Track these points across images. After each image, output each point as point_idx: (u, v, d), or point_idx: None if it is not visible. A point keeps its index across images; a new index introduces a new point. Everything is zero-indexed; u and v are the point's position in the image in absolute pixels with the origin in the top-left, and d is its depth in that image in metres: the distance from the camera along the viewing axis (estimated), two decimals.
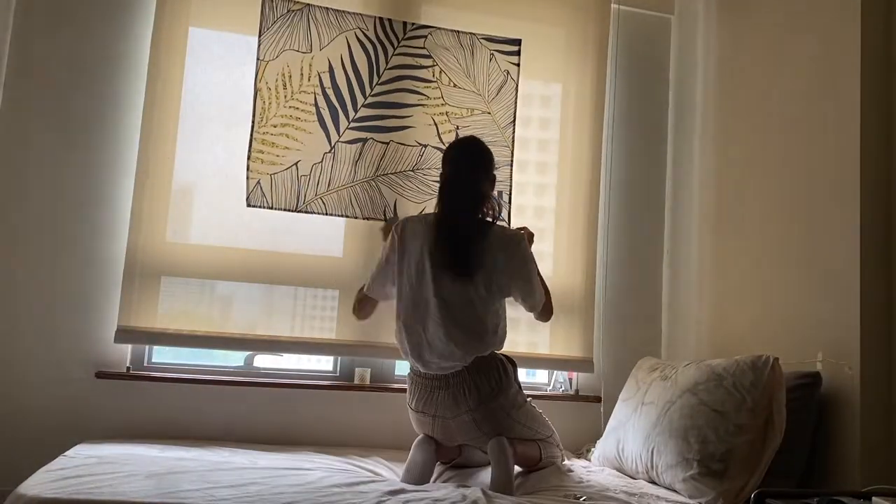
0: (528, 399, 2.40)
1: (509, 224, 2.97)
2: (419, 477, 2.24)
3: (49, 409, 2.60)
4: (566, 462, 2.52)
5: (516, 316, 2.65)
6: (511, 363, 2.37)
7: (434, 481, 2.29)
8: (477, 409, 2.24)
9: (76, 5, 2.76)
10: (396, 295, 2.40)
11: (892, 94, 2.20)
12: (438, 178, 2.49)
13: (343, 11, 2.93)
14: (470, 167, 2.41)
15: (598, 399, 3.05)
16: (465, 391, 2.24)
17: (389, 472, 2.35)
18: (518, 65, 3.09)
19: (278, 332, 2.79)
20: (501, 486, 2.13)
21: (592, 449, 2.73)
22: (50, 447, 2.31)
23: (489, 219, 2.39)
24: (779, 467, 2.11)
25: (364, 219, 2.88)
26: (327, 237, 2.87)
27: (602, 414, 2.98)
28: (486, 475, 2.26)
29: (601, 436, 2.70)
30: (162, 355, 2.83)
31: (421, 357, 2.31)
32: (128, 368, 2.69)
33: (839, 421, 2.17)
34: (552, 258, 3.06)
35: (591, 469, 2.53)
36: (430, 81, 3.00)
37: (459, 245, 2.29)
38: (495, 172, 2.50)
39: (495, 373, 2.28)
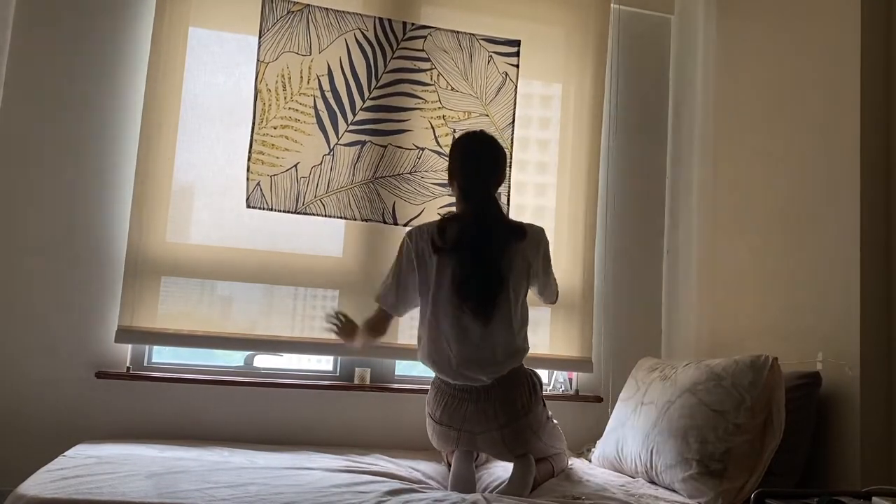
0: (550, 415, 2.35)
1: None
2: (466, 486, 2.16)
3: (49, 409, 2.60)
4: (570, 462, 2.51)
5: None
6: (538, 380, 2.30)
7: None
8: (506, 427, 2.17)
9: (76, 5, 2.76)
10: (421, 307, 2.29)
11: (892, 94, 2.20)
12: (447, 171, 2.36)
13: (343, 12, 2.93)
14: (490, 169, 2.30)
15: (598, 399, 3.06)
16: (496, 407, 2.16)
17: (390, 465, 2.37)
18: (517, 66, 3.09)
19: (278, 332, 2.79)
20: (515, 492, 2.09)
21: (592, 449, 2.73)
22: (50, 447, 2.32)
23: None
24: (778, 467, 2.11)
25: (363, 221, 2.89)
26: (327, 237, 2.87)
27: (602, 414, 2.98)
28: (500, 469, 2.30)
29: (601, 436, 2.70)
30: (162, 355, 2.83)
31: (449, 370, 2.21)
32: (128, 368, 2.69)
33: (839, 421, 2.17)
34: (552, 257, 3.05)
35: (591, 469, 2.53)
36: (428, 85, 3.00)
37: (488, 289, 2.18)
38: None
39: (526, 390, 2.21)
